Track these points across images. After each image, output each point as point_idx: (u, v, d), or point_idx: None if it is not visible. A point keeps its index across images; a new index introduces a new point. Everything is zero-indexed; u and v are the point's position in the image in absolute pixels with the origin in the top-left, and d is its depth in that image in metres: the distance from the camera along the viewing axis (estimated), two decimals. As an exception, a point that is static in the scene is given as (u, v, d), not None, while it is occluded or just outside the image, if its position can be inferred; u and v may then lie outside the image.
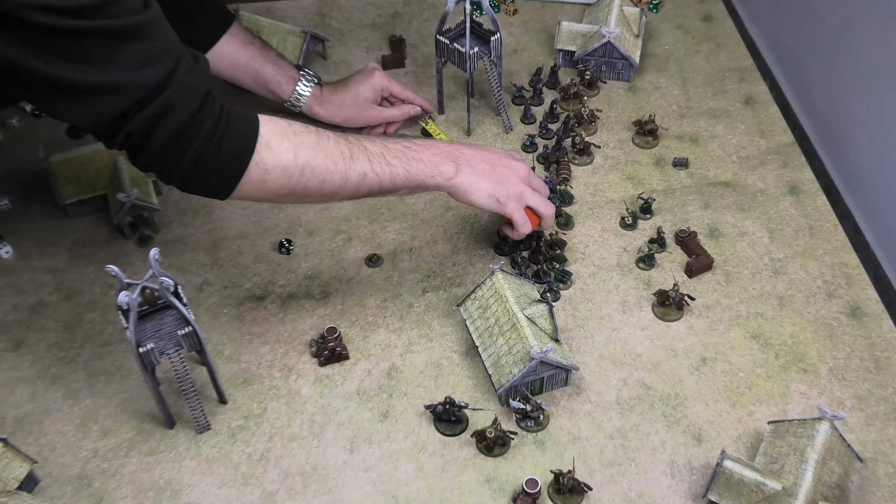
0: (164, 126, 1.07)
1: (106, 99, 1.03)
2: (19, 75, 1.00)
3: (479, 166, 1.31)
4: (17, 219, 1.52)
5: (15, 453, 1.17)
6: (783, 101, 1.74)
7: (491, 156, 1.33)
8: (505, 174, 1.32)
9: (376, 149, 1.24)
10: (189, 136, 1.09)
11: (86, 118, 1.06)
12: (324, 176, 1.20)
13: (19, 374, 1.32)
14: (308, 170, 1.18)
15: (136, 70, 1.03)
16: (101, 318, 1.39)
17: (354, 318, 1.38)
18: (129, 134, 1.07)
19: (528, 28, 1.85)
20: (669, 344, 1.34)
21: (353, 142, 1.23)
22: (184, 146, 1.10)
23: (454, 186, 1.29)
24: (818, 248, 1.46)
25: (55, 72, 0.99)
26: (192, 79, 1.09)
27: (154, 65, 1.05)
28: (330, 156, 1.20)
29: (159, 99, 1.05)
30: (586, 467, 1.21)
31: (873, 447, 1.22)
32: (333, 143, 1.21)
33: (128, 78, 1.03)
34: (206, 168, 1.12)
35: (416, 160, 1.26)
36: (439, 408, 1.24)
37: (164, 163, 1.11)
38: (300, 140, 1.18)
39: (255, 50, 1.55)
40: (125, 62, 1.03)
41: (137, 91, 1.04)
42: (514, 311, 1.27)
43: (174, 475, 1.22)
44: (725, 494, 1.13)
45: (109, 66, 1.02)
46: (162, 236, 1.50)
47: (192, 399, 1.21)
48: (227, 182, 1.15)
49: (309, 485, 1.20)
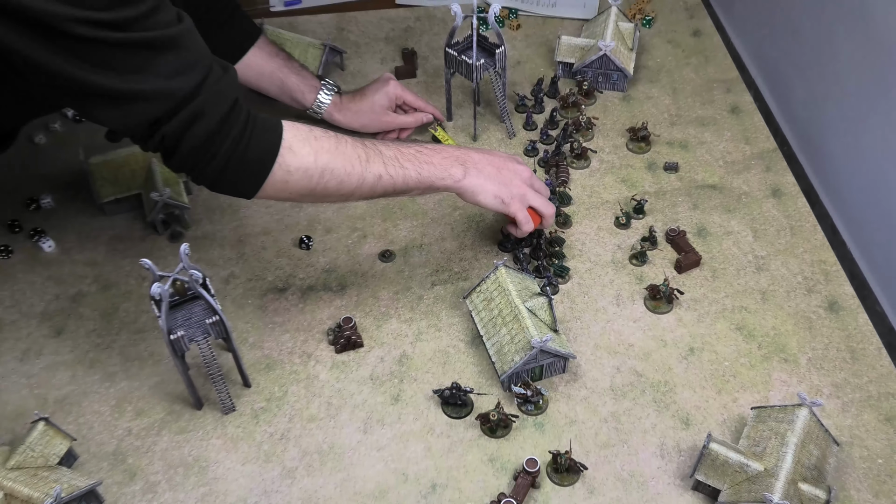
0: (195, 131, 1.07)
1: (141, 105, 1.03)
2: (62, 83, 1.00)
3: (485, 169, 1.30)
4: (59, 216, 1.52)
5: (56, 431, 1.17)
6: (766, 111, 1.73)
7: (496, 159, 1.33)
8: (509, 176, 1.32)
9: (391, 153, 1.24)
10: (218, 140, 1.09)
11: (123, 123, 1.06)
12: (342, 178, 1.19)
13: (60, 359, 1.32)
14: (328, 172, 1.18)
15: (170, 79, 1.03)
16: (136, 307, 1.38)
17: (368, 309, 1.37)
18: (163, 138, 1.06)
19: (530, 42, 1.84)
20: (660, 335, 1.33)
21: (370, 146, 1.23)
22: (213, 150, 1.09)
23: (462, 188, 1.29)
24: (798, 246, 1.44)
25: (95, 80, 0.99)
26: (221, 87, 1.08)
27: (186, 74, 1.05)
28: (348, 159, 1.19)
29: (191, 106, 1.05)
30: (582, 448, 1.20)
31: (849, 432, 1.21)
32: (351, 147, 1.20)
33: (162, 86, 1.03)
34: (234, 170, 1.12)
35: (427, 163, 1.26)
36: (446, 392, 1.23)
37: (195, 164, 1.11)
38: (320, 144, 1.18)
39: (280, 61, 1.54)
40: (160, 72, 1.02)
41: (171, 98, 1.04)
42: (516, 304, 1.26)
43: (202, 452, 1.21)
44: (711, 474, 1.12)
45: (145, 75, 1.02)
46: (192, 232, 1.49)
47: (219, 382, 1.21)
48: (252, 183, 1.15)
49: (325, 462, 1.20)
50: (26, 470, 1.11)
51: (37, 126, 1.64)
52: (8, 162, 1.59)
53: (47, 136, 1.65)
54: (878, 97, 1.41)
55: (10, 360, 1.32)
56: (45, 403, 1.26)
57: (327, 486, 1.18)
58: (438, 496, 1.16)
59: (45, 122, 1.65)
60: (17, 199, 1.54)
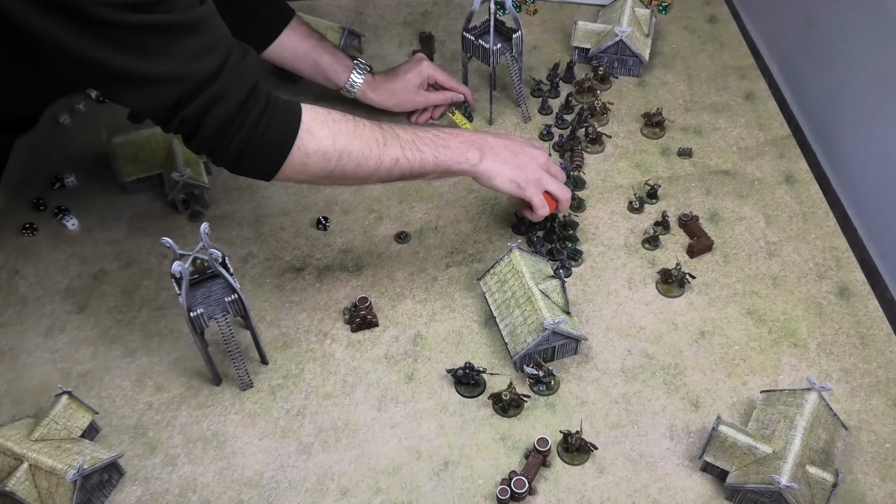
0: (215, 113, 1.07)
1: (162, 88, 1.03)
2: (85, 65, 1.00)
3: (501, 153, 1.29)
4: (81, 195, 1.53)
5: (79, 405, 1.18)
6: (780, 98, 1.72)
7: (513, 144, 1.32)
8: (525, 161, 1.31)
9: (408, 136, 1.23)
10: (238, 122, 1.09)
11: (144, 105, 1.06)
12: (359, 160, 1.19)
13: (83, 335, 1.33)
14: (345, 154, 1.18)
15: (191, 62, 1.03)
16: (156, 284, 1.40)
17: (384, 290, 1.38)
18: (184, 120, 1.07)
19: (546, 27, 1.83)
20: (671, 318, 1.33)
21: (387, 129, 1.22)
22: (233, 132, 1.10)
23: (479, 172, 1.28)
24: (810, 232, 1.44)
25: (117, 62, 1.00)
26: (241, 70, 1.09)
27: (207, 57, 1.05)
28: (365, 142, 1.19)
29: (211, 88, 1.05)
30: (592, 428, 1.21)
31: (857, 416, 1.21)
32: (369, 130, 1.20)
33: (183, 69, 1.03)
34: (253, 151, 1.12)
35: (444, 147, 1.25)
36: (459, 372, 1.24)
37: (214, 146, 1.11)
38: (339, 127, 1.17)
39: (314, 42, 1.54)
40: (181, 54, 1.02)
41: (191, 81, 1.04)
42: (529, 286, 1.26)
43: (220, 427, 1.23)
44: (720, 456, 1.13)
45: (166, 58, 1.02)
46: (211, 212, 1.50)
47: (237, 359, 1.22)
48: (272, 164, 1.15)
49: (340, 438, 1.21)
50: (50, 442, 1.12)
51: (61, 107, 1.65)
52: (33, 142, 1.60)
53: (71, 116, 1.66)
54: (892, 85, 1.40)
55: (34, 335, 1.33)
56: (68, 378, 1.28)
57: (342, 461, 1.19)
58: (451, 473, 1.17)
59: (69, 102, 1.66)
60: (41, 178, 1.55)
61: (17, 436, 1.11)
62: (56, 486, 1.08)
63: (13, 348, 1.31)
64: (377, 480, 1.17)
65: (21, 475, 1.08)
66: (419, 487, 1.16)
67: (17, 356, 1.31)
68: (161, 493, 1.16)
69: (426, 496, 1.15)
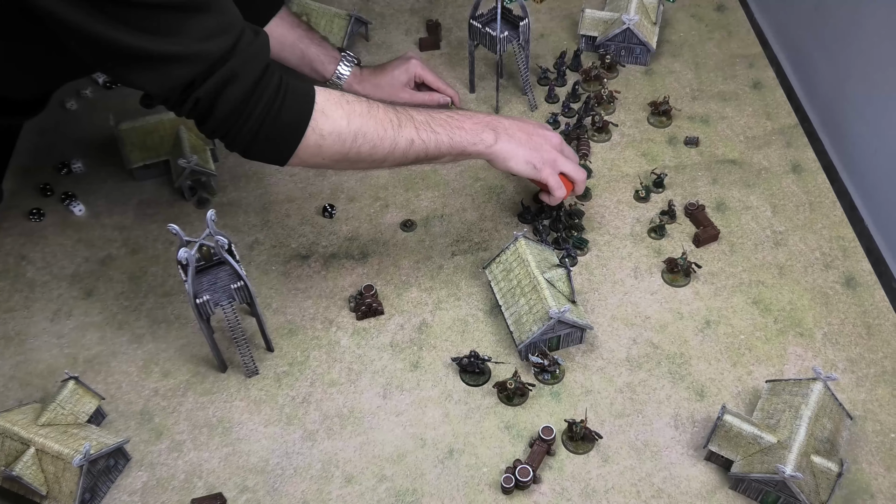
0: (228, 94, 1.05)
1: (175, 67, 1.02)
2: (100, 45, 0.99)
3: (516, 135, 1.27)
4: (89, 180, 1.52)
5: (85, 390, 1.18)
6: (788, 87, 1.70)
7: (526, 126, 1.29)
8: (539, 142, 1.28)
9: (422, 118, 1.21)
10: (251, 103, 1.07)
11: (158, 86, 1.04)
12: (374, 142, 1.16)
13: (90, 320, 1.33)
14: (360, 136, 1.15)
15: (204, 41, 1.02)
16: (163, 271, 1.39)
17: (389, 277, 1.37)
18: (197, 101, 1.05)
19: (553, 14, 1.81)
20: (676, 307, 1.32)
21: (401, 111, 1.20)
22: (247, 113, 1.08)
23: (494, 153, 1.25)
24: (817, 222, 1.42)
25: (130, 41, 0.98)
26: (253, 50, 1.07)
27: (219, 36, 1.03)
28: (380, 123, 1.17)
29: (224, 68, 1.03)
30: (597, 417, 1.20)
31: (863, 406, 1.20)
32: (383, 111, 1.18)
33: (196, 48, 1.01)
34: (267, 134, 1.10)
35: (459, 128, 1.23)
36: (465, 360, 1.23)
37: (229, 128, 1.09)
38: (353, 108, 1.15)
39: (301, 32, 1.52)
40: (193, 34, 1.01)
41: (205, 60, 1.02)
42: (534, 275, 1.25)
43: (226, 414, 1.22)
44: (724, 445, 1.12)
45: (179, 37, 1.00)
46: (218, 199, 1.49)
47: (243, 346, 1.21)
48: (286, 147, 1.13)
49: (345, 426, 1.20)
50: (57, 427, 1.12)
51: (68, 92, 1.64)
52: (40, 127, 1.60)
53: (78, 101, 1.65)
54: (901, 74, 1.39)
55: (41, 320, 1.33)
56: (74, 363, 1.28)
57: (347, 448, 1.18)
58: (455, 461, 1.16)
59: (76, 87, 1.65)
60: (48, 163, 1.54)
61: (23, 420, 1.11)
62: (62, 470, 1.08)
63: (20, 333, 1.31)
64: (382, 468, 1.16)
65: (28, 460, 1.08)
66: (424, 475, 1.15)
67: (24, 341, 1.30)
68: (167, 478, 1.16)
69: (431, 484, 1.14)
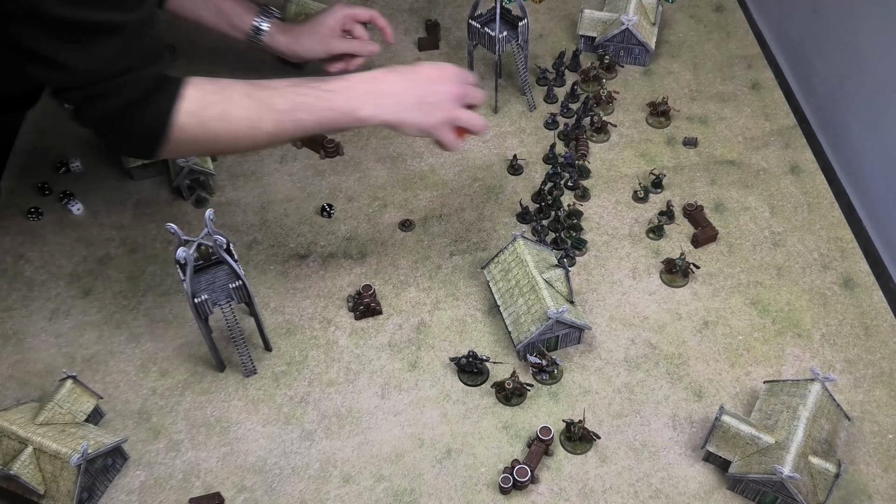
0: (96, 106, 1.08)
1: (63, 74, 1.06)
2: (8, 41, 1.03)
3: (404, 100, 1.18)
4: (87, 180, 1.52)
5: (83, 389, 1.18)
6: (786, 87, 1.70)
7: (420, 85, 1.20)
8: (433, 102, 1.19)
9: (284, 106, 1.15)
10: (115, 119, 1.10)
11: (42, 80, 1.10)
12: (234, 140, 1.16)
13: (88, 319, 1.33)
14: (220, 137, 1.15)
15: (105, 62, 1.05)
16: (161, 270, 1.39)
17: (388, 277, 1.37)
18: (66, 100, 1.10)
19: (552, 15, 1.81)
20: (675, 308, 1.32)
21: (263, 102, 1.15)
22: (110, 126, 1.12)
23: (376, 125, 1.19)
24: (815, 223, 1.42)
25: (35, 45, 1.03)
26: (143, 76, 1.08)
27: (117, 60, 1.06)
28: (237, 123, 1.14)
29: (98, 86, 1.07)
30: (595, 418, 1.20)
31: (860, 407, 1.20)
32: (244, 110, 1.14)
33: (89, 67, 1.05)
34: (129, 140, 1.15)
35: (328, 110, 1.16)
36: (463, 360, 1.23)
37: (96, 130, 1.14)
38: (217, 108, 1.13)
39: None
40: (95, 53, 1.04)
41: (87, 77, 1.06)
42: (533, 275, 1.25)
43: (224, 413, 1.22)
44: (722, 446, 1.12)
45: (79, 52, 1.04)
46: (216, 198, 1.49)
47: (241, 346, 1.21)
48: (146, 151, 1.15)
49: (343, 425, 1.20)
50: (54, 426, 1.12)
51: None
52: (38, 126, 1.59)
53: (77, 101, 1.64)
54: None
55: (39, 319, 1.33)
56: (72, 362, 1.27)
57: (345, 448, 1.18)
58: (453, 461, 1.16)
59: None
60: (46, 162, 1.54)
61: (21, 419, 1.11)
62: (60, 469, 1.08)
63: (18, 332, 1.31)
64: (380, 468, 1.16)
65: (25, 459, 1.08)
66: (422, 475, 1.15)
67: (22, 340, 1.30)
68: (165, 477, 1.16)
69: (428, 484, 1.14)
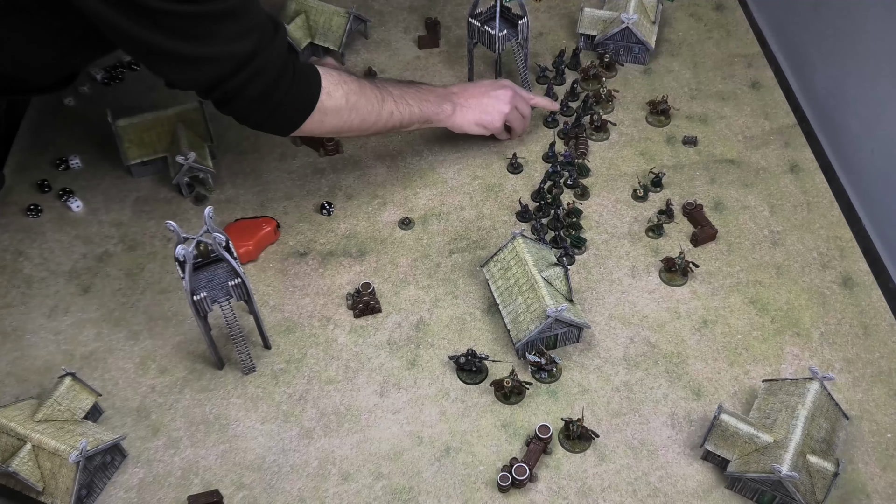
0: (251, 88, 1.17)
1: (205, 67, 1.13)
2: (135, 44, 1.11)
3: (468, 102, 1.46)
4: (86, 177, 1.52)
5: (82, 387, 1.18)
6: (786, 86, 1.70)
7: (478, 90, 1.48)
8: (490, 103, 1.47)
9: (398, 92, 1.37)
10: (270, 94, 1.19)
11: (188, 82, 1.17)
12: (364, 116, 1.32)
13: (87, 316, 1.33)
14: (354, 111, 1.30)
15: (230, 43, 1.13)
16: (160, 267, 1.39)
17: (387, 275, 1.37)
18: (224, 93, 1.17)
19: (552, 13, 1.81)
20: (674, 307, 1.32)
21: (381, 86, 1.36)
22: (265, 102, 1.20)
23: (451, 122, 1.45)
24: (814, 222, 1.42)
25: (164, 44, 1.09)
26: (275, 46, 1.18)
27: (244, 39, 1.13)
28: (369, 100, 1.32)
29: (250, 67, 1.15)
30: (594, 416, 1.20)
31: (859, 406, 1.20)
32: (370, 88, 1.33)
33: (224, 50, 1.12)
34: (279, 115, 1.24)
35: (425, 101, 1.40)
36: (462, 358, 1.23)
37: (247, 113, 1.22)
38: (349, 87, 1.29)
39: None
40: (221, 38, 1.11)
41: (231, 61, 1.14)
42: (532, 273, 1.25)
43: (222, 411, 1.22)
44: (721, 445, 1.12)
45: (209, 41, 1.11)
46: (215, 196, 1.49)
47: (240, 343, 1.21)
48: (294, 124, 1.27)
49: (342, 423, 1.20)
50: (53, 423, 1.12)
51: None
52: (38, 123, 1.60)
53: (76, 98, 1.65)
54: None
55: (38, 316, 1.33)
56: (71, 359, 1.28)
57: (343, 446, 1.18)
58: (452, 459, 1.16)
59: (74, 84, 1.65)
60: (46, 159, 1.54)
61: (20, 416, 1.11)
62: (59, 466, 1.08)
63: (17, 329, 1.31)
64: (378, 465, 1.16)
65: (24, 456, 1.08)
66: (420, 473, 1.15)
67: (21, 337, 1.30)
68: (163, 475, 1.16)
69: (427, 482, 1.15)
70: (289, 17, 1.64)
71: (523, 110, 1.51)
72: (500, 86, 1.49)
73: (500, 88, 1.49)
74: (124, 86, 1.68)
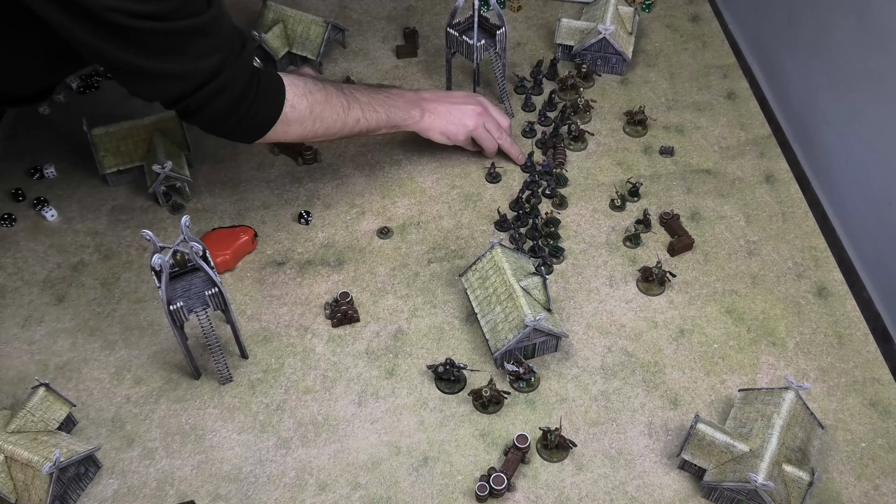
0: (216, 103, 1.18)
1: (171, 82, 1.14)
2: (103, 58, 1.11)
3: (438, 110, 1.46)
4: (61, 186, 1.51)
5: (56, 397, 1.16)
6: (762, 97, 1.72)
7: (450, 99, 1.48)
8: (458, 116, 1.47)
9: (365, 98, 1.38)
10: (234, 109, 1.21)
11: (153, 95, 1.18)
12: (329, 124, 1.34)
13: (61, 326, 1.31)
14: (319, 121, 1.32)
15: (197, 60, 1.13)
16: (136, 277, 1.38)
17: (365, 285, 1.37)
18: (187, 106, 1.18)
19: (530, 24, 1.82)
20: (651, 316, 1.33)
21: (348, 93, 1.36)
22: (229, 115, 1.21)
23: (420, 127, 1.46)
24: (790, 232, 1.44)
25: (130, 59, 1.09)
26: (240, 64, 1.18)
27: (211, 56, 1.14)
28: (335, 108, 1.33)
29: (214, 83, 1.16)
30: (572, 426, 1.20)
31: (834, 415, 1.21)
32: (337, 97, 1.34)
33: (190, 67, 1.13)
34: (244, 127, 1.25)
35: (393, 107, 1.41)
36: (440, 368, 1.23)
37: (211, 125, 1.24)
38: (315, 98, 1.30)
39: None
40: (189, 54, 1.12)
41: (197, 77, 1.15)
42: (510, 283, 1.25)
43: (199, 421, 1.21)
44: (697, 454, 1.13)
45: (175, 58, 1.11)
46: (192, 205, 1.48)
47: (217, 353, 1.21)
48: (258, 134, 1.28)
49: (320, 433, 1.20)
50: (26, 434, 1.10)
51: (41, 96, 1.63)
52: (12, 131, 1.58)
53: (52, 106, 1.63)
54: (872, 87, 1.41)
55: (11, 326, 1.31)
56: (45, 369, 1.26)
57: (321, 456, 1.18)
58: (430, 469, 1.16)
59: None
60: (20, 168, 1.53)
61: (-8, 428, 1.10)
62: (32, 478, 1.07)
63: (-10, 340, 1.30)
64: (356, 475, 1.16)
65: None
66: (398, 483, 1.15)
67: (-6, 348, 1.29)
68: (138, 486, 1.15)
69: (405, 492, 1.14)
70: (266, 26, 1.64)
71: (493, 131, 1.50)
72: (472, 100, 1.49)
73: (470, 103, 1.48)
74: (100, 94, 1.67)
